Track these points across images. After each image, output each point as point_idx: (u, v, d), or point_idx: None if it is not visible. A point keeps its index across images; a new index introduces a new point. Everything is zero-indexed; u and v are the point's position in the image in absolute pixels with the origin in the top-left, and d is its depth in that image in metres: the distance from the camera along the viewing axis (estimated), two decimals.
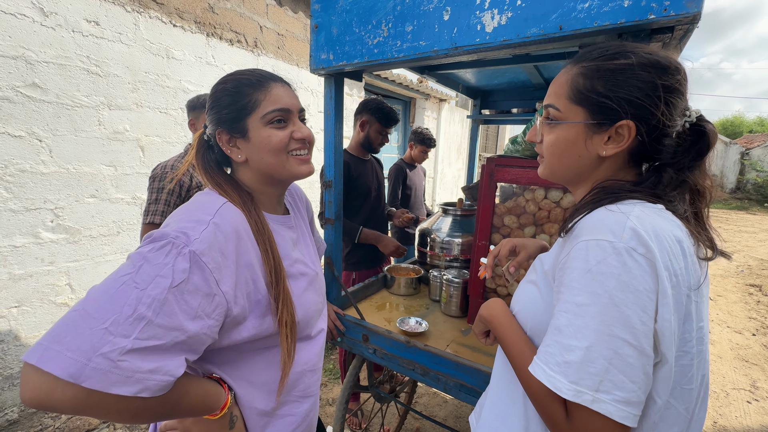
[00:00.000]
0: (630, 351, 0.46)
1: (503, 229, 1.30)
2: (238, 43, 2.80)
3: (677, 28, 0.69)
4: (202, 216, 0.62)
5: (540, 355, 0.52)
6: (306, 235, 0.90)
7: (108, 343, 0.49)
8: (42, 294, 1.97)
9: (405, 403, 2.06)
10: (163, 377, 0.52)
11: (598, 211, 0.54)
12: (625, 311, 0.46)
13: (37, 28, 1.82)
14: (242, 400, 0.71)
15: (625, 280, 0.47)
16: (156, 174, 1.47)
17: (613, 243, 0.48)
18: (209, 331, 0.58)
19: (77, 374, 0.47)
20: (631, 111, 0.53)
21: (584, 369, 0.47)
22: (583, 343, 0.47)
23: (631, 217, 0.50)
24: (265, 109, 0.70)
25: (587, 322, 0.48)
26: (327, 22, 1.14)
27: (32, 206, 1.89)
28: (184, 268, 0.55)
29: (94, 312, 0.50)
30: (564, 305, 0.51)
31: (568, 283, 0.51)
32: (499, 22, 0.82)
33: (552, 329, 0.52)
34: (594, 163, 0.59)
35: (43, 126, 1.89)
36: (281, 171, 0.73)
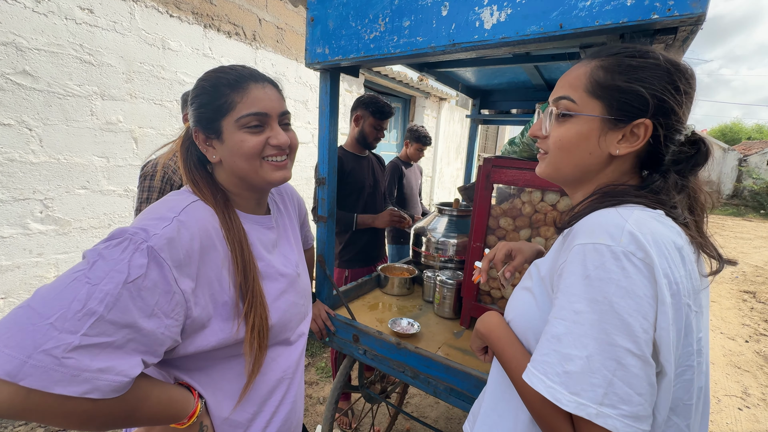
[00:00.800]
0: (634, 361, 0.43)
1: (499, 231, 1.28)
2: (236, 36, 2.76)
3: (681, 29, 0.67)
4: (167, 213, 0.60)
5: (537, 365, 0.50)
6: (290, 235, 0.87)
7: (52, 339, 0.45)
8: (30, 285, 1.94)
9: (396, 403, 2.04)
10: (114, 377, 0.49)
11: (595, 214, 0.52)
12: (626, 318, 0.44)
13: (29, 14, 1.78)
14: (214, 409, 0.67)
15: (624, 285, 0.45)
16: (147, 172, 1.43)
17: (611, 247, 0.46)
18: (167, 331, 0.55)
19: (14, 372, 0.43)
20: (650, 109, 0.52)
21: (586, 380, 0.44)
22: (583, 352, 0.45)
23: (630, 221, 0.48)
24: (240, 111, 0.66)
25: (587, 330, 0.46)
26: (323, 15, 1.11)
27: (21, 196, 1.86)
28: (141, 263, 0.52)
29: (38, 308, 0.47)
30: (561, 312, 0.49)
31: (565, 289, 0.49)
32: (498, 18, 0.80)
33: (549, 337, 0.49)
34: (602, 163, 0.56)
35: (34, 115, 1.85)
36: (254, 177, 0.69)
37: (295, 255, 0.85)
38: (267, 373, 0.74)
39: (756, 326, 3.93)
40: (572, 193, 0.64)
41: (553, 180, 0.63)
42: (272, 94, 0.70)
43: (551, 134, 0.59)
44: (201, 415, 0.64)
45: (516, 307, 0.63)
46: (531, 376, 0.50)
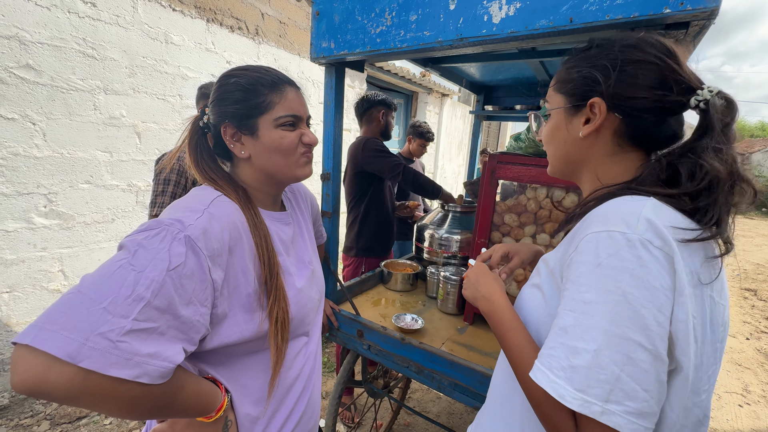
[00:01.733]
0: (644, 355, 0.41)
1: (503, 227, 1.28)
2: (238, 30, 2.74)
3: (693, 24, 0.66)
4: (197, 206, 0.62)
5: (542, 358, 0.47)
6: (305, 231, 0.89)
7: (106, 322, 0.47)
8: (34, 280, 1.95)
9: (399, 398, 2.06)
10: (162, 363, 0.50)
11: (609, 202, 0.50)
12: (640, 310, 0.42)
13: (32, 7, 1.77)
14: (236, 404, 0.68)
15: (639, 275, 0.42)
16: (163, 166, 1.43)
17: (626, 234, 0.44)
18: (202, 319, 0.57)
19: (75, 353, 0.45)
20: (597, 87, 0.54)
21: (592, 375, 0.42)
22: (591, 345, 0.43)
23: (647, 208, 0.46)
24: (278, 112, 0.70)
25: (596, 322, 0.43)
26: (329, 9, 1.10)
27: (25, 191, 1.86)
28: (180, 251, 0.54)
29: (90, 293, 0.48)
30: (570, 303, 0.46)
31: (575, 279, 0.47)
32: (507, 12, 0.79)
33: (556, 329, 0.47)
34: (580, 148, 0.58)
35: (37, 109, 1.85)
36: (286, 172, 0.74)
37: (309, 250, 0.87)
38: (288, 369, 0.75)
39: (757, 324, 3.93)
40: (579, 185, 0.64)
41: (555, 175, 0.65)
42: (302, 99, 0.76)
43: (542, 135, 0.65)
44: (227, 409, 0.65)
45: (525, 305, 0.62)
46: (535, 371, 0.48)
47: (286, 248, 0.77)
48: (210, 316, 0.59)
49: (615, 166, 0.57)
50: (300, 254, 0.83)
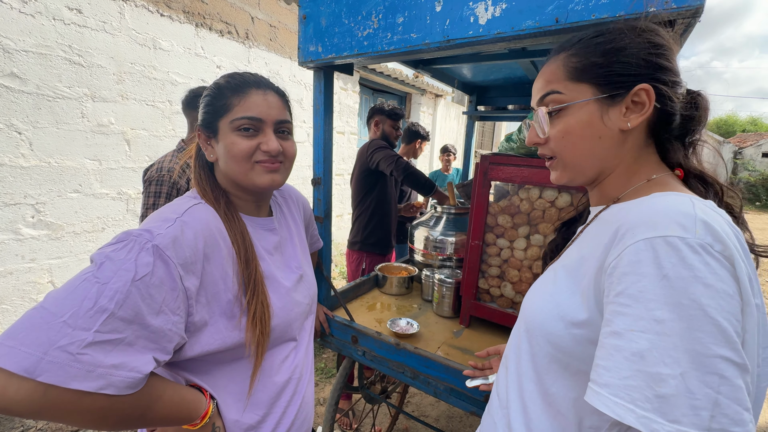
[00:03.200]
0: (735, 371, 0.37)
1: (497, 228, 1.27)
2: (228, 35, 2.73)
3: (678, 22, 0.65)
4: (170, 215, 0.61)
5: (619, 390, 0.41)
6: (294, 236, 0.88)
7: (66, 335, 0.46)
8: (23, 292, 1.92)
9: (396, 403, 2.04)
10: (128, 373, 0.50)
11: (649, 200, 0.46)
12: (721, 322, 0.38)
13: (16, 15, 1.75)
14: (224, 411, 0.67)
15: (712, 283, 0.38)
16: (152, 177, 1.39)
17: (686, 239, 0.40)
18: (174, 327, 0.56)
19: (32, 368, 0.44)
20: (642, 72, 0.49)
21: (685, 402, 0.37)
22: (676, 369, 0.38)
23: (697, 208, 0.42)
24: (235, 114, 0.67)
25: (676, 342, 0.38)
26: (316, 12, 1.09)
27: (11, 201, 1.83)
28: (147, 261, 0.54)
29: (51, 307, 0.48)
30: (639, 323, 0.41)
31: (638, 294, 0.41)
32: (493, 13, 0.78)
33: (626, 354, 0.41)
34: (617, 143, 0.53)
35: (23, 118, 1.82)
36: (243, 179, 0.70)
37: (299, 256, 0.86)
38: (275, 374, 0.74)
39: None
40: (590, 186, 0.60)
41: (573, 182, 0.58)
42: (273, 101, 0.71)
43: (552, 135, 0.56)
44: (213, 416, 0.65)
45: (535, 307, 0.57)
46: (614, 407, 0.40)
47: (269, 254, 0.76)
48: (186, 324, 0.59)
49: (641, 160, 0.54)
50: (287, 259, 0.82)
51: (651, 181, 0.52)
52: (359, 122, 4.47)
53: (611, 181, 0.55)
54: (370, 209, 2.22)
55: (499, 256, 1.27)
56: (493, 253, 1.28)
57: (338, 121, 4.02)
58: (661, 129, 0.53)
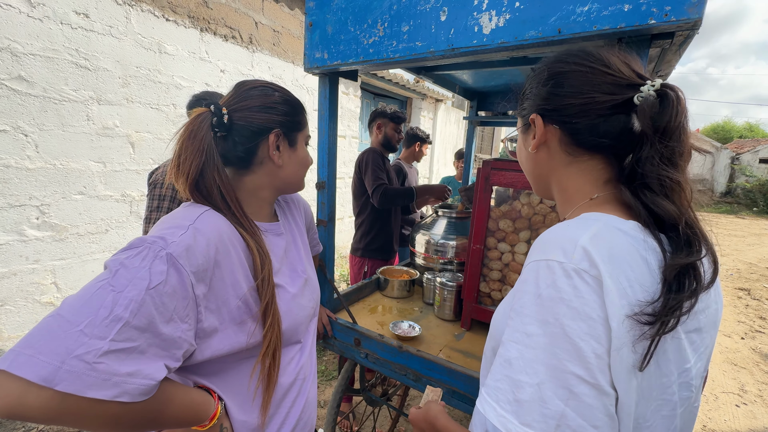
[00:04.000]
0: (587, 389, 0.40)
1: (498, 233, 1.28)
2: (232, 39, 2.76)
3: (678, 34, 0.68)
4: (182, 222, 0.62)
5: (490, 390, 0.46)
6: (298, 240, 0.90)
7: (83, 345, 0.47)
8: (26, 293, 1.92)
9: (397, 406, 2.04)
10: (142, 381, 0.51)
11: (554, 227, 0.50)
12: (578, 342, 0.41)
13: (24, 19, 1.77)
14: (231, 412, 0.68)
15: (576, 306, 0.41)
16: (157, 180, 1.40)
17: (563, 264, 0.43)
18: (184, 335, 0.57)
19: (50, 377, 0.45)
20: (531, 105, 0.58)
21: (536, 409, 0.41)
22: (534, 379, 0.42)
23: (587, 234, 0.45)
24: (306, 132, 0.81)
25: (538, 355, 0.42)
26: (322, 20, 1.11)
27: (17, 203, 1.84)
28: (161, 270, 0.54)
29: (68, 316, 0.49)
30: (514, 334, 0.45)
31: (519, 309, 0.46)
32: (497, 24, 0.81)
33: (502, 361, 0.46)
34: (538, 163, 0.61)
35: (29, 120, 1.84)
36: (300, 184, 0.83)
37: (303, 259, 0.88)
38: (281, 375, 0.75)
39: (751, 323, 3.97)
40: (556, 202, 0.63)
41: (538, 194, 0.67)
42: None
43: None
44: (221, 417, 0.65)
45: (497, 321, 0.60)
46: (483, 403, 0.46)
47: (278, 260, 0.77)
48: (196, 330, 0.60)
49: (575, 175, 0.56)
50: (293, 264, 0.83)
51: (591, 201, 0.55)
52: (360, 126, 4.50)
53: (559, 199, 0.61)
54: (372, 215, 2.23)
55: (500, 260, 1.29)
56: (494, 257, 1.30)
57: (340, 125, 4.05)
58: (584, 144, 0.54)
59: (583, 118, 0.52)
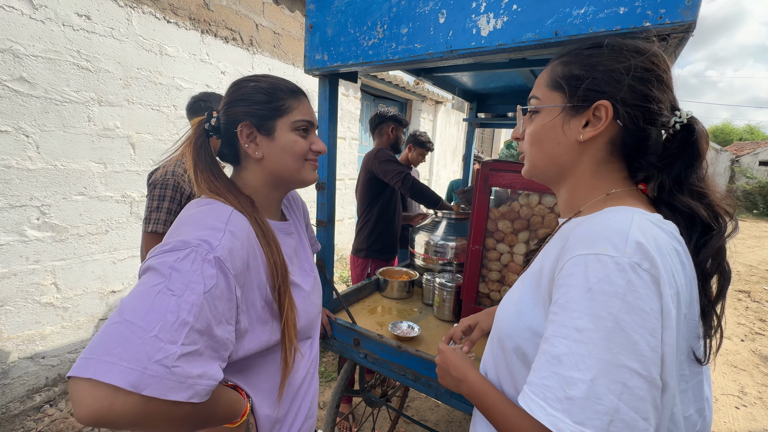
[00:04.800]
0: (640, 383, 0.40)
1: (497, 233, 1.29)
2: (233, 41, 2.77)
3: (672, 37, 0.68)
4: (216, 223, 0.61)
5: (536, 388, 0.45)
6: (303, 238, 0.92)
7: (160, 350, 0.49)
8: (26, 293, 1.93)
9: (397, 407, 2.04)
10: (208, 381, 0.53)
11: (593, 218, 0.50)
12: (633, 336, 0.41)
13: (26, 21, 1.78)
14: (255, 407, 0.71)
15: (630, 300, 0.41)
16: (156, 180, 1.40)
17: (615, 258, 0.43)
18: (230, 336, 0.59)
19: (137, 383, 0.47)
20: (607, 90, 0.52)
21: (590, 406, 0.40)
22: (587, 375, 0.41)
23: (633, 228, 0.45)
24: (296, 116, 0.74)
25: (590, 350, 0.42)
26: (322, 22, 1.12)
27: (18, 203, 1.85)
28: (212, 273, 0.55)
29: (137, 321, 0.49)
30: (561, 330, 0.44)
31: (565, 304, 0.45)
32: (495, 26, 0.82)
33: (548, 358, 0.45)
34: (573, 152, 0.56)
35: (31, 121, 1.85)
36: (295, 175, 0.76)
37: (309, 257, 0.91)
38: (297, 370, 0.79)
39: (751, 325, 3.97)
40: (556, 191, 0.63)
41: (534, 177, 0.63)
42: (313, 109, 0.80)
43: (525, 133, 0.61)
44: (249, 413, 0.68)
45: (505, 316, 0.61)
46: (529, 402, 0.45)
47: (290, 259, 0.79)
48: (234, 331, 0.61)
49: (601, 176, 0.56)
50: (302, 262, 0.85)
51: (609, 195, 0.55)
52: (360, 128, 4.51)
53: (573, 191, 0.59)
54: (375, 216, 2.26)
55: (499, 261, 1.29)
56: (493, 257, 1.30)
57: (340, 126, 4.06)
58: (632, 153, 0.55)
59: (649, 126, 0.52)
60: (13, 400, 1.93)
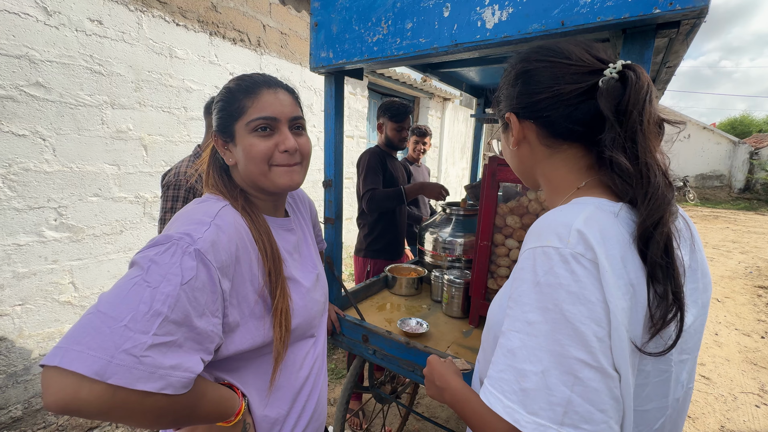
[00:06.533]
0: (591, 374, 0.40)
1: (506, 229, 1.28)
2: (241, 42, 2.80)
3: (683, 23, 0.67)
4: (203, 218, 0.63)
5: (493, 381, 0.45)
6: (307, 236, 0.91)
7: (129, 339, 0.49)
8: (45, 292, 1.99)
9: (407, 403, 2.05)
10: (184, 373, 0.52)
11: (546, 213, 0.51)
12: (579, 327, 0.41)
13: (41, 27, 1.83)
14: (253, 407, 0.70)
15: (574, 291, 0.42)
16: (170, 182, 1.43)
17: (559, 249, 0.44)
18: (215, 329, 0.59)
19: (102, 371, 0.47)
20: (509, 104, 0.59)
21: (542, 398, 0.41)
22: (537, 367, 0.42)
23: (579, 218, 0.45)
24: (250, 116, 0.68)
25: (540, 342, 0.42)
26: (327, 19, 1.13)
27: (36, 205, 1.90)
28: (191, 265, 0.55)
29: (110, 312, 0.50)
30: (515, 323, 0.45)
31: (518, 298, 0.46)
32: (500, 18, 0.81)
33: (504, 351, 0.46)
34: (521, 159, 0.62)
35: (47, 125, 1.90)
36: (264, 180, 0.71)
37: (313, 255, 0.89)
38: (299, 369, 0.77)
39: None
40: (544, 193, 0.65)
41: (529, 186, 0.69)
42: (284, 99, 0.72)
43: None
44: (245, 413, 0.67)
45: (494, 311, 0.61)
46: (488, 395, 0.46)
47: (289, 254, 0.79)
48: (222, 325, 0.61)
49: (558, 165, 0.58)
50: (304, 259, 0.85)
51: (580, 189, 0.55)
52: (368, 126, 4.52)
53: (548, 192, 0.62)
54: (374, 215, 2.18)
55: (507, 257, 1.28)
56: (501, 253, 1.29)
57: (347, 125, 4.07)
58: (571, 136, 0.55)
59: (553, 110, 0.54)
60: (35, 395, 1.99)
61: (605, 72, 0.50)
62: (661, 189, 0.47)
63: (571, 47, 0.54)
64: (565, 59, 0.53)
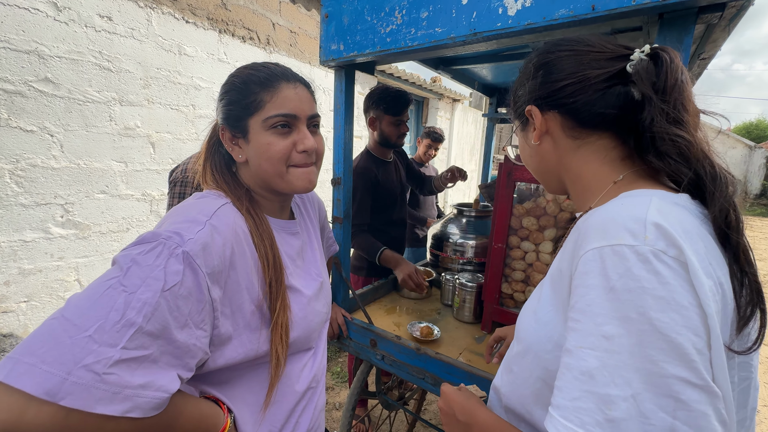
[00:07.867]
0: (696, 394, 0.33)
1: (521, 231, 1.22)
2: (250, 40, 2.78)
3: (729, 6, 0.61)
4: (199, 216, 0.56)
5: (568, 413, 0.37)
6: (313, 240, 0.84)
7: (92, 353, 0.42)
8: (51, 289, 1.97)
9: (414, 410, 1.99)
10: (155, 393, 0.46)
11: (606, 206, 0.44)
12: (675, 338, 0.34)
13: (50, 23, 1.82)
14: (241, 423, 0.64)
15: (663, 295, 0.35)
16: (177, 179, 1.41)
17: (635, 247, 0.37)
18: (198, 342, 0.52)
19: (54, 390, 0.40)
20: (528, 98, 0.56)
21: (637, 428, 0.34)
22: (626, 390, 0.35)
23: (651, 210, 0.39)
24: (268, 112, 0.63)
25: (625, 360, 0.35)
26: (338, 10, 1.08)
27: (43, 201, 1.89)
28: (177, 269, 0.49)
29: (74, 319, 0.44)
30: (588, 339, 0.38)
31: (586, 308, 0.39)
32: (523, 3, 0.75)
33: (575, 374, 0.38)
34: (544, 156, 0.57)
35: (55, 121, 1.89)
36: (278, 181, 0.66)
37: (318, 261, 0.82)
38: (296, 383, 0.71)
39: None
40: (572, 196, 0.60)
41: (553, 192, 0.64)
42: (303, 95, 0.67)
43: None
44: (230, 430, 0.61)
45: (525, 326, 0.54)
46: (562, 429, 0.37)
47: (292, 260, 0.72)
48: (211, 337, 0.55)
49: (588, 158, 0.53)
50: (308, 266, 0.78)
51: (618, 182, 0.50)
52: None
53: (577, 190, 0.56)
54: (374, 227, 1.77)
55: (523, 260, 1.22)
56: (517, 256, 1.23)
57: (356, 126, 4.04)
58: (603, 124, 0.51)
59: (580, 95, 0.50)
60: None
61: (633, 56, 0.48)
62: (720, 166, 0.43)
63: (593, 38, 0.52)
64: (588, 47, 0.51)
